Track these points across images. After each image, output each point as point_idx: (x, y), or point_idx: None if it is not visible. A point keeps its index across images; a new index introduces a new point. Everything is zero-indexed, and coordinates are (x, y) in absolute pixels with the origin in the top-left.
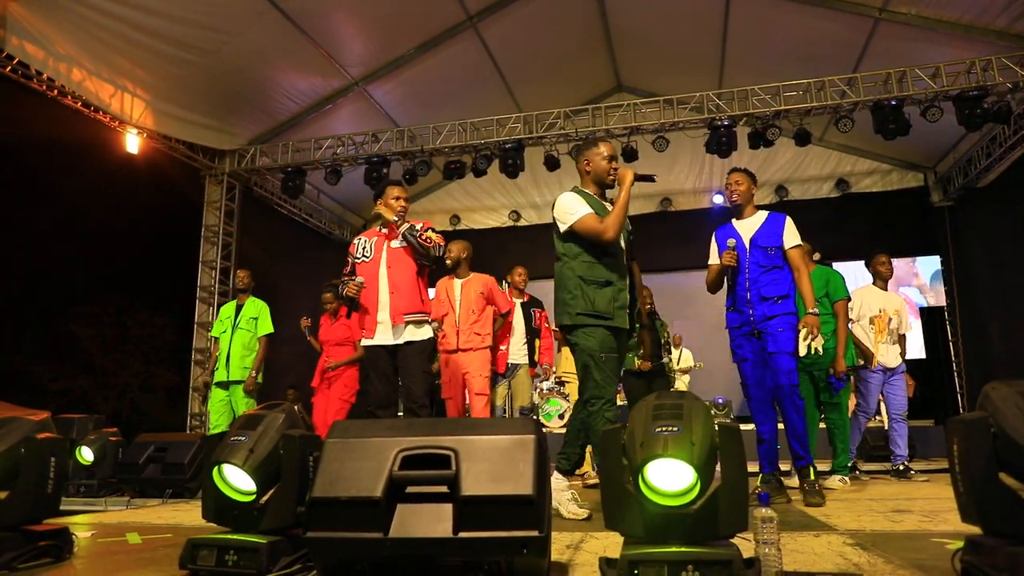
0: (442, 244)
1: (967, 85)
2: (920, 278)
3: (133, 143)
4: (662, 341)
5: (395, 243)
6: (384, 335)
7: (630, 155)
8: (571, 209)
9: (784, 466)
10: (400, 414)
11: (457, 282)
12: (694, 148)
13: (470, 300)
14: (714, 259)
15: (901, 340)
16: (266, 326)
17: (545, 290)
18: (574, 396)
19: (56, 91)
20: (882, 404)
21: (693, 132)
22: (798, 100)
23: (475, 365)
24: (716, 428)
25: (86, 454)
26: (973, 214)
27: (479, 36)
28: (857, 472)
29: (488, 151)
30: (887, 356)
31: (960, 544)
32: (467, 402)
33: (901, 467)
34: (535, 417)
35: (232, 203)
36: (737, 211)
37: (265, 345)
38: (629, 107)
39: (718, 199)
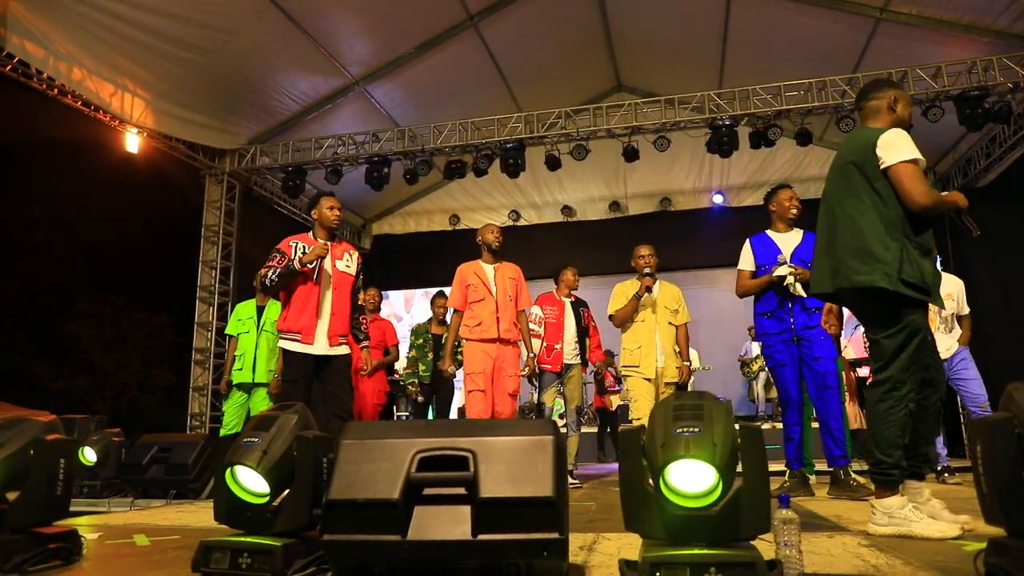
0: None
1: (968, 85)
2: None
3: (133, 142)
4: None
5: (340, 264)
6: (317, 347)
7: (631, 155)
8: (906, 147)
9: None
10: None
11: (489, 267)
12: (694, 147)
13: (505, 287)
14: (747, 265)
15: (962, 323)
16: None
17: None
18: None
19: (56, 90)
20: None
21: (694, 132)
22: (799, 100)
23: (511, 360)
24: (737, 429)
25: (89, 455)
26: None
27: (480, 36)
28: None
29: (489, 151)
30: (943, 347)
31: (977, 546)
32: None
33: None
34: (535, 415)
35: (232, 203)
36: (779, 224)
37: None
38: (630, 107)
39: (718, 199)
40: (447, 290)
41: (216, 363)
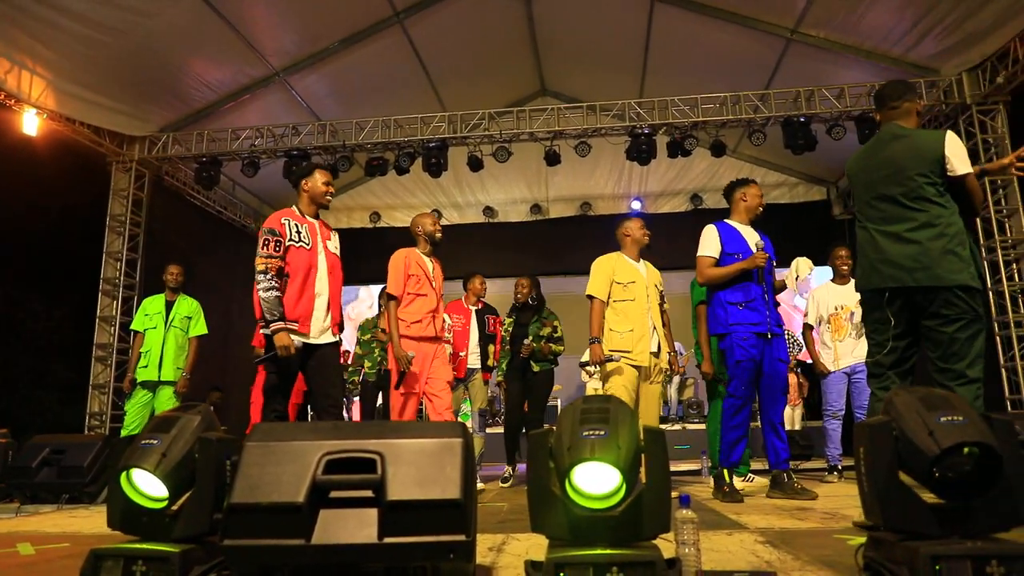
0: None
1: (868, 107)
2: None
3: (31, 123)
4: (543, 333)
5: (330, 245)
6: (312, 337)
7: (553, 159)
8: (966, 159)
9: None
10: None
11: (427, 260)
12: (614, 154)
13: (440, 283)
14: (712, 251)
15: None
16: (200, 327)
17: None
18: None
19: None
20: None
21: (614, 139)
22: (715, 112)
23: (444, 357)
24: (641, 431)
25: None
26: None
27: (405, 33)
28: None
29: (411, 149)
30: (851, 353)
31: (861, 540)
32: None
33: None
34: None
35: (141, 192)
36: (743, 216)
37: (197, 346)
38: (553, 111)
39: (636, 205)
40: None
41: (119, 359)
